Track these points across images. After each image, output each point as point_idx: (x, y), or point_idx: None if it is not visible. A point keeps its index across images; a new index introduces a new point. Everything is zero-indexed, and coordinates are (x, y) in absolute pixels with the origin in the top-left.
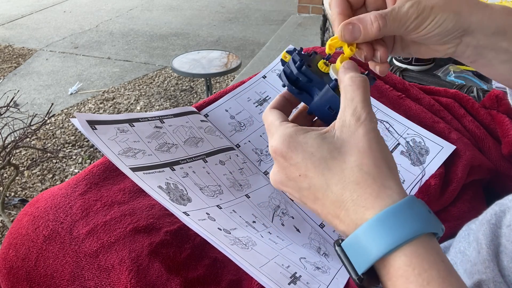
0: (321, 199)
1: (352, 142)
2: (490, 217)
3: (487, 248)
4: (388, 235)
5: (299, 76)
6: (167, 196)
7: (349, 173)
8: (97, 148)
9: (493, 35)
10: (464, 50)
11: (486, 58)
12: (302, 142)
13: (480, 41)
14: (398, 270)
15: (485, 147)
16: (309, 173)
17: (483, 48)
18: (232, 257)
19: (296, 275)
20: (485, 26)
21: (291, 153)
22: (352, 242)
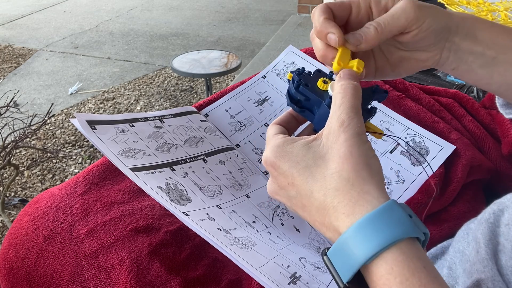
0: (308, 206)
1: (335, 148)
2: (489, 216)
3: (486, 247)
4: (367, 241)
5: (297, 95)
6: (166, 196)
7: (329, 180)
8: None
9: (466, 39)
10: (447, 56)
11: (466, 63)
12: (288, 151)
13: (459, 45)
14: (381, 278)
15: (485, 147)
16: (295, 181)
17: (462, 52)
18: (232, 257)
19: (296, 275)
20: (460, 28)
21: (278, 162)
22: (336, 250)
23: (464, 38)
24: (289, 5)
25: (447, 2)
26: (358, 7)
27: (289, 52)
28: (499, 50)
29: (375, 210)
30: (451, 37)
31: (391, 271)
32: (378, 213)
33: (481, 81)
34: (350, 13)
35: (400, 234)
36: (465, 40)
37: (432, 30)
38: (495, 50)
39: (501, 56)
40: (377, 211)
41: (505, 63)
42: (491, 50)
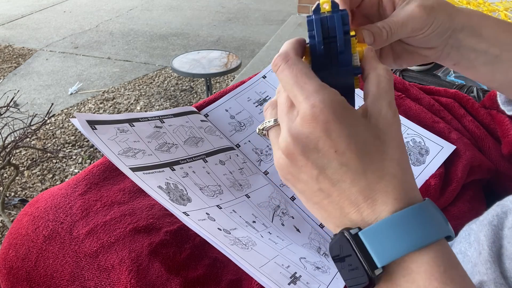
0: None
1: (390, 135)
2: (492, 219)
3: (489, 250)
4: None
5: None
6: (167, 196)
7: (388, 165)
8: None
9: (471, 36)
10: (449, 52)
11: (468, 60)
12: (352, 118)
13: (462, 42)
14: (422, 265)
15: (485, 147)
16: (348, 153)
17: (465, 49)
18: (232, 257)
19: (296, 275)
20: (465, 27)
21: (338, 124)
22: (376, 231)
23: (468, 35)
24: (289, 5)
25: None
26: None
27: None
28: (503, 48)
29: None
30: (455, 35)
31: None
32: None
33: (483, 78)
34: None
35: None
36: (469, 37)
37: (437, 33)
38: (499, 48)
39: (504, 54)
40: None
41: (508, 61)
42: (495, 48)
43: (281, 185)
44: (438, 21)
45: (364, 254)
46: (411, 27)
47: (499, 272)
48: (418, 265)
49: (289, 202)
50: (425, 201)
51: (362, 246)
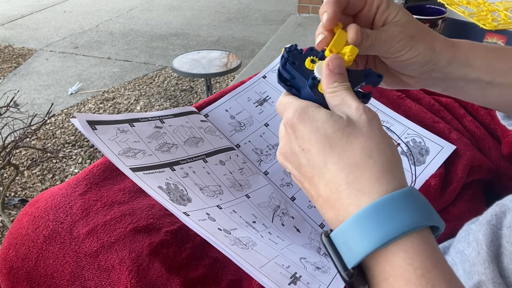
0: (316, 177)
1: (357, 125)
2: (491, 218)
3: (487, 249)
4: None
5: (283, 73)
6: (167, 196)
7: (349, 154)
8: (97, 148)
9: (460, 68)
10: (433, 83)
11: (456, 87)
12: (311, 115)
13: (448, 74)
14: (397, 269)
15: (485, 147)
16: (311, 148)
17: (452, 79)
18: (232, 257)
19: (296, 275)
20: (452, 61)
21: (299, 124)
22: (343, 231)
23: (456, 68)
24: (289, 5)
25: (447, 2)
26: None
27: None
28: (495, 74)
29: (399, 191)
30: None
31: (411, 262)
32: (402, 195)
33: (476, 101)
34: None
35: (424, 220)
36: (457, 70)
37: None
38: (491, 75)
39: (497, 79)
40: (400, 192)
41: (500, 86)
42: (487, 76)
43: (281, 185)
44: (416, 50)
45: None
46: (387, 47)
47: (498, 271)
48: (393, 268)
49: (289, 202)
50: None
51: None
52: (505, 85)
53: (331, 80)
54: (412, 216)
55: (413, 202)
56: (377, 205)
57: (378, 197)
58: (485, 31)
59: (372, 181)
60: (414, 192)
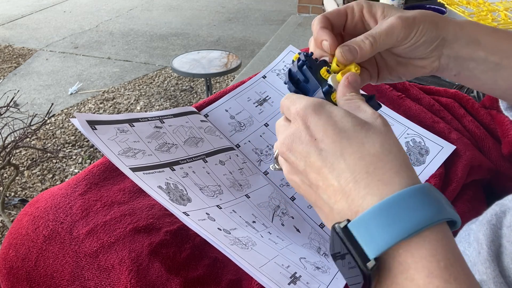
0: (328, 167)
1: (374, 126)
2: (491, 218)
3: (488, 249)
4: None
5: (298, 74)
6: (167, 196)
7: (369, 147)
8: (97, 148)
9: (468, 45)
10: (447, 63)
11: (468, 69)
12: (328, 110)
13: (458, 52)
14: (420, 260)
15: (485, 147)
16: (325, 139)
17: (463, 59)
18: (232, 257)
19: (296, 275)
20: (459, 37)
21: (315, 116)
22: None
23: (465, 45)
24: (289, 5)
25: (447, 2)
26: (352, 13)
27: (289, 52)
28: (503, 55)
29: (420, 185)
30: (449, 45)
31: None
32: (425, 188)
33: (485, 86)
34: (346, 19)
35: (448, 214)
36: (466, 47)
37: (422, 42)
38: (498, 55)
39: (505, 61)
40: (424, 186)
41: (509, 68)
42: (494, 56)
43: (281, 185)
44: (422, 30)
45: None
46: (395, 36)
47: (499, 271)
48: (415, 259)
49: (289, 202)
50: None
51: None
52: None
53: (348, 90)
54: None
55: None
56: (402, 196)
57: (400, 188)
58: None
59: (393, 173)
60: (433, 188)
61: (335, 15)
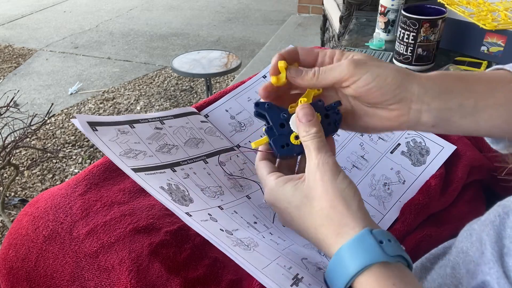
0: (308, 238)
1: (313, 188)
2: (494, 218)
3: (491, 249)
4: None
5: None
6: (169, 196)
7: (315, 217)
8: (98, 149)
9: (440, 96)
10: (419, 116)
11: (445, 119)
12: (281, 193)
13: (430, 104)
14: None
15: (485, 147)
16: (293, 220)
17: (437, 110)
18: (235, 258)
19: (298, 276)
20: (429, 88)
21: (277, 204)
22: (327, 275)
23: (436, 96)
24: (289, 5)
25: (447, 2)
26: (323, 58)
27: None
28: (478, 97)
29: (349, 241)
30: (419, 99)
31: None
32: (351, 244)
33: (469, 130)
34: (316, 60)
35: (369, 260)
36: (438, 98)
37: (375, 85)
38: (473, 98)
39: (481, 102)
40: (350, 242)
41: (487, 108)
42: (469, 100)
43: None
44: (373, 73)
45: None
46: (338, 71)
47: (502, 271)
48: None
49: None
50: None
51: None
52: (490, 106)
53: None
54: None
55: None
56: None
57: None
58: (485, 31)
59: (335, 236)
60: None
61: (305, 52)
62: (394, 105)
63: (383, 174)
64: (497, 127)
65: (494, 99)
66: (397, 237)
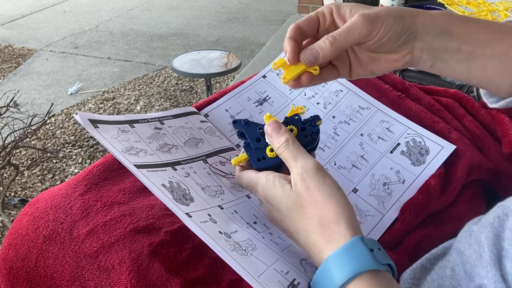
0: (297, 240)
1: (302, 196)
2: (493, 220)
3: (489, 252)
4: (334, 275)
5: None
6: (170, 195)
7: (307, 223)
8: (98, 148)
9: (440, 36)
10: (420, 55)
11: (443, 60)
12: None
13: (431, 44)
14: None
15: (485, 147)
16: (285, 218)
17: (436, 50)
18: (232, 264)
19: (294, 282)
20: (430, 28)
21: (270, 200)
22: (315, 282)
23: (436, 36)
24: (289, 5)
25: (447, 2)
26: (323, 17)
27: None
28: (476, 44)
29: (340, 248)
30: (420, 38)
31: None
32: (343, 251)
33: (460, 76)
34: (318, 24)
35: (360, 267)
36: (438, 38)
37: (388, 37)
38: (472, 45)
39: (478, 50)
40: (342, 249)
41: (483, 57)
42: (467, 45)
43: None
44: (386, 26)
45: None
46: (357, 33)
47: (500, 275)
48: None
49: None
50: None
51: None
52: (486, 56)
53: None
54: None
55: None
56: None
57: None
58: None
59: (326, 243)
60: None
61: (306, 22)
62: (401, 48)
63: (382, 174)
64: (489, 78)
65: (491, 49)
66: (397, 236)
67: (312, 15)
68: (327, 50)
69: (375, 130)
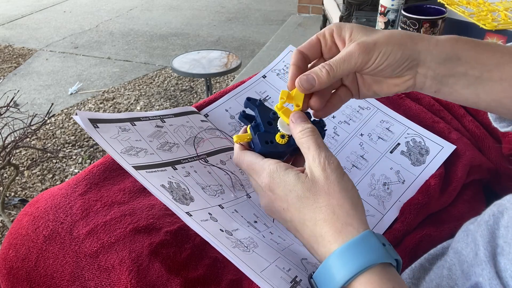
0: (300, 231)
1: (319, 184)
2: (488, 218)
3: (484, 250)
4: (346, 265)
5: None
6: (170, 195)
7: (318, 212)
8: (98, 148)
9: (446, 62)
10: (423, 81)
11: (448, 86)
12: (282, 179)
13: (436, 70)
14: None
15: (485, 147)
16: (290, 208)
17: (441, 76)
18: (234, 260)
19: (296, 279)
20: (435, 54)
21: (276, 188)
22: (320, 273)
23: (442, 62)
24: (289, 5)
25: (447, 2)
26: (324, 39)
27: (289, 52)
28: (484, 68)
29: (354, 239)
30: (424, 64)
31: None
32: (357, 242)
33: (468, 101)
34: (320, 46)
35: (374, 260)
36: (444, 64)
37: (386, 65)
38: (478, 69)
39: (486, 74)
40: (356, 240)
41: (490, 81)
42: (474, 70)
43: None
44: (384, 54)
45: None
46: (353, 63)
47: (494, 272)
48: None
49: None
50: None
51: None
52: (494, 80)
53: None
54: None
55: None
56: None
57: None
58: (485, 31)
59: (337, 234)
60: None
61: (307, 47)
62: (403, 73)
63: (382, 174)
64: (498, 101)
65: (500, 73)
66: (396, 236)
67: (313, 39)
68: (324, 78)
69: (375, 130)
